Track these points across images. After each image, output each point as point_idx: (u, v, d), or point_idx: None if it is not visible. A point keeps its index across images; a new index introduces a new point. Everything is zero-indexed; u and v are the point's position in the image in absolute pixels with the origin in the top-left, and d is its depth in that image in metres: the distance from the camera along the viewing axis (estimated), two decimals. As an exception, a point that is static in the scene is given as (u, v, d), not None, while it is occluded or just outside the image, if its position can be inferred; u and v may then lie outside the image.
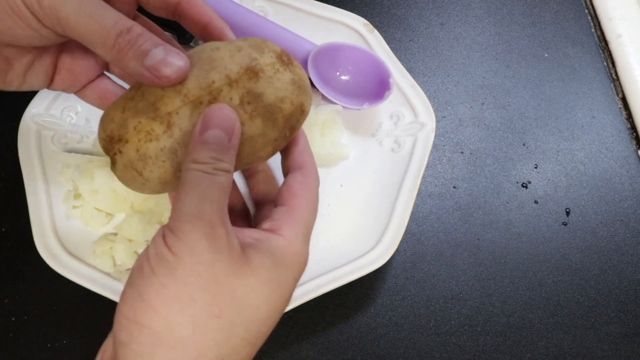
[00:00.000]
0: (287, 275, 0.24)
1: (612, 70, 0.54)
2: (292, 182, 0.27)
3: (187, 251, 0.22)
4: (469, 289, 0.43)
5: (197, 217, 0.22)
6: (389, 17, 0.54)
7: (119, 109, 0.26)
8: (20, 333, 0.39)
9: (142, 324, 0.21)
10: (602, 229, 0.46)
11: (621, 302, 0.44)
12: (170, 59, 0.24)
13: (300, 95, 0.27)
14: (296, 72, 0.27)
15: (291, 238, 0.25)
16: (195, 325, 0.22)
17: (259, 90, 0.25)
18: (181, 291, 0.22)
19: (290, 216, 0.26)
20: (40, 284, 0.40)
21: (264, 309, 0.23)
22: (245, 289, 0.23)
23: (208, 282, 0.22)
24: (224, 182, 0.23)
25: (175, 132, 0.25)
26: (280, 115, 0.26)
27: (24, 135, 0.41)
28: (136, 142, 0.25)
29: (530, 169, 0.48)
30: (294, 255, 0.25)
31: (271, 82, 0.26)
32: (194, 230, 0.22)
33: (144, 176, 0.26)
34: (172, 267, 0.22)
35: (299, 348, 0.40)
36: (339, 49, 0.44)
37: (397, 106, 0.45)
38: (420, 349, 0.41)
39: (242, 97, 0.25)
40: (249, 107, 0.25)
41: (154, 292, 0.22)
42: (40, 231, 0.38)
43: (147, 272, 0.22)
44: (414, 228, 0.45)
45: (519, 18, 0.55)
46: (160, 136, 0.25)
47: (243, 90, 0.25)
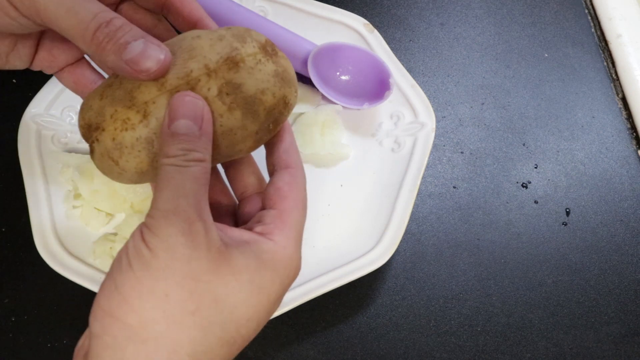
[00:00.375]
0: (273, 279, 0.24)
1: (612, 70, 0.54)
2: (280, 182, 0.27)
3: (162, 247, 0.21)
4: (469, 289, 0.43)
5: (173, 213, 0.22)
6: (389, 17, 0.54)
7: (97, 96, 0.25)
8: (20, 333, 0.39)
9: (116, 316, 0.21)
10: (602, 229, 0.46)
11: (621, 302, 0.44)
12: (150, 52, 0.23)
13: (284, 87, 0.26)
14: (280, 63, 0.26)
15: (283, 243, 0.25)
16: (169, 321, 0.21)
17: (239, 81, 0.25)
18: (156, 286, 0.21)
19: (281, 220, 0.25)
20: (40, 284, 0.40)
21: (243, 310, 0.23)
22: (224, 288, 0.22)
23: (184, 278, 0.21)
24: (198, 173, 0.23)
25: (151, 122, 0.24)
26: (262, 108, 0.25)
27: (24, 135, 0.41)
28: (112, 130, 0.24)
29: (530, 169, 0.48)
30: (286, 261, 0.25)
31: (252, 73, 0.25)
32: (169, 226, 0.21)
33: (120, 165, 0.25)
34: (147, 262, 0.21)
35: (299, 348, 0.40)
36: (339, 49, 0.44)
37: (397, 106, 0.45)
38: (420, 349, 0.41)
39: (221, 88, 0.24)
40: (228, 98, 0.24)
41: (130, 286, 0.21)
42: (40, 231, 0.38)
43: (124, 266, 0.22)
44: (414, 228, 0.45)
45: (519, 18, 0.55)
46: (136, 125, 0.24)
47: (222, 80, 0.24)
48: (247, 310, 0.23)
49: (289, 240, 0.25)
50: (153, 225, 0.22)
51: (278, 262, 0.24)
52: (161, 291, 0.21)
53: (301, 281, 0.38)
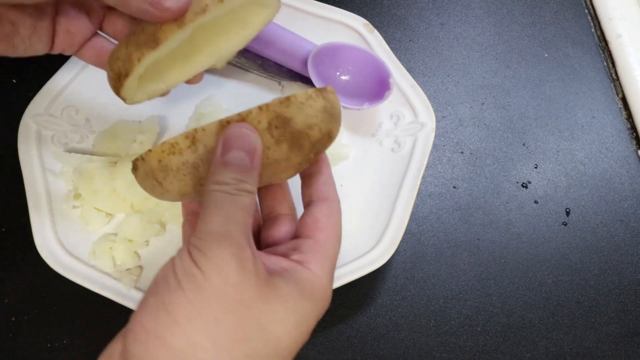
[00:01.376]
0: (312, 309, 0.24)
1: (612, 70, 0.54)
2: (319, 214, 0.27)
3: (214, 270, 0.21)
4: (469, 289, 0.43)
5: (225, 237, 0.22)
6: (389, 17, 0.54)
7: (122, 46, 0.26)
8: (20, 333, 0.39)
9: (163, 339, 0.21)
10: (602, 229, 0.46)
11: (621, 302, 0.44)
12: None
13: (330, 122, 0.27)
14: (328, 98, 0.27)
15: (318, 273, 0.25)
16: (218, 349, 0.21)
17: (289, 115, 0.25)
18: (207, 310, 0.21)
19: (318, 251, 0.26)
20: (40, 284, 0.40)
21: (287, 341, 0.22)
22: (272, 316, 0.22)
23: (235, 305, 0.21)
24: (247, 203, 0.23)
25: (199, 148, 0.25)
26: (307, 142, 0.26)
27: (24, 135, 0.41)
28: (159, 152, 0.25)
29: (530, 169, 0.48)
30: (322, 291, 0.24)
31: (302, 109, 0.25)
32: (221, 250, 0.21)
33: (163, 187, 0.26)
34: (199, 284, 0.21)
35: (299, 348, 0.40)
36: (339, 49, 0.44)
37: (397, 106, 0.45)
38: (420, 349, 0.41)
39: (271, 121, 0.25)
40: (277, 132, 0.25)
41: (180, 307, 0.21)
42: (40, 231, 0.38)
43: (173, 285, 0.21)
44: (414, 228, 0.45)
45: (519, 18, 0.55)
46: (184, 150, 0.25)
47: (273, 114, 0.25)
48: (289, 341, 0.23)
49: (324, 271, 0.25)
50: (204, 246, 0.22)
51: (316, 292, 0.24)
52: (212, 315, 0.21)
53: (301, 281, 0.38)
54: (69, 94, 0.43)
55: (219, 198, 0.23)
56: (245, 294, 0.21)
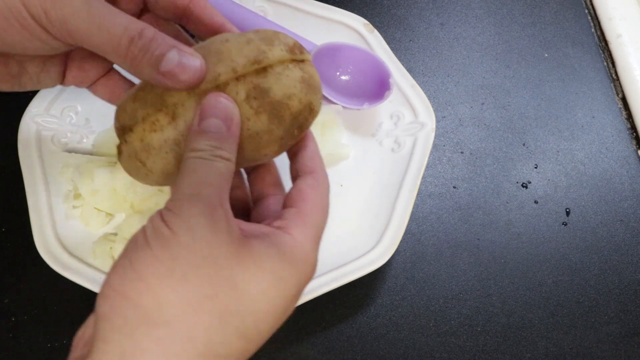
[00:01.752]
0: (293, 273, 0.23)
1: (612, 70, 0.54)
2: (303, 185, 0.26)
3: (184, 227, 0.21)
4: (469, 289, 0.43)
5: (196, 197, 0.21)
6: (389, 17, 0.54)
7: (130, 99, 0.26)
8: (20, 333, 0.39)
9: (129, 296, 0.20)
10: (602, 229, 0.46)
11: (621, 302, 0.44)
12: (186, 62, 0.23)
13: (309, 93, 0.27)
14: (307, 69, 0.27)
15: (300, 239, 0.24)
16: (186, 305, 0.20)
17: (266, 85, 0.25)
18: (174, 266, 0.20)
19: (301, 218, 0.25)
20: (40, 284, 0.40)
21: (263, 302, 0.22)
22: (245, 275, 0.21)
23: (204, 261, 0.21)
24: (223, 169, 0.23)
25: (179, 124, 0.24)
26: (287, 113, 0.26)
27: (24, 135, 0.41)
28: (141, 131, 0.25)
29: (530, 169, 0.48)
30: (303, 256, 0.24)
31: (279, 79, 0.25)
32: (191, 207, 0.21)
33: (147, 166, 0.25)
34: (167, 241, 0.21)
35: (298, 348, 0.40)
36: (339, 49, 0.44)
37: (397, 106, 0.45)
38: (420, 349, 0.41)
39: (249, 92, 0.25)
40: (255, 103, 0.25)
41: (146, 264, 0.20)
42: (40, 231, 0.38)
43: (141, 244, 0.21)
44: (414, 228, 0.45)
45: (519, 18, 0.55)
46: (165, 127, 0.24)
47: (250, 85, 0.25)
48: (266, 302, 0.22)
49: (307, 237, 0.24)
50: (174, 206, 0.21)
51: (297, 256, 0.23)
52: (180, 272, 0.20)
53: (301, 281, 0.38)
54: (69, 94, 0.43)
55: (194, 163, 0.22)
56: (216, 250, 0.21)
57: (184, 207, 0.21)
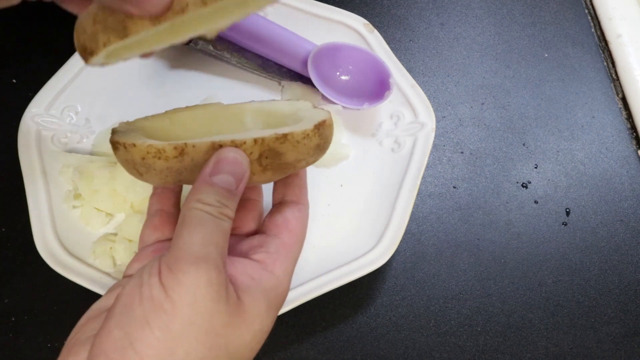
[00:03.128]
0: (273, 316, 0.25)
1: (612, 70, 0.54)
2: (290, 215, 0.28)
3: (186, 298, 0.21)
4: (469, 289, 0.43)
5: (203, 260, 0.21)
6: (389, 17, 0.54)
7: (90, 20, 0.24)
8: (20, 333, 0.39)
9: None
10: (602, 229, 0.46)
11: (621, 302, 0.44)
12: None
13: (318, 155, 0.27)
14: (324, 135, 0.27)
15: (281, 277, 0.25)
16: None
17: (282, 151, 0.25)
18: (177, 346, 0.21)
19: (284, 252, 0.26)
20: (40, 284, 0.40)
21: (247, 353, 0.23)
22: (239, 341, 0.22)
23: (205, 335, 0.21)
24: (227, 228, 0.23)
25: (185, 160, 0.24)
26: (291, 169, 0.27)
27: (24, 135, 0.41)
28: (144, 152, 0.25)
29: (530, 169, 0.48)
30: (282, 295, 0.25)
31: (296, 147, 0.26)
32: (198, 274, 0.21)
33: (143, 177, 0.26)
34: (169, 318, 0.21)
35: (298, 348, 0.40)
36: (339, 49, 0.44)
37: (397, 106, 0.45)
38: (420, 349, 0.41)
39: (263, 153, 0.25)
40: (265, 162, 0.25)
41: (147, 345, 0.20)
42: (40, 231, 0.38)
43: (139, 318, 0.21)
44: (414, 228, 0.45)
45: (519, 18, 0.55)
46: (170, 159, 0.24)
47: (266, 147, 0.25)
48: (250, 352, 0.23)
49: (286, 273, 0.26)
50: (179, 269, 0.21)
51: (279, 299, 0.25)
52: (182, 351, 0.21)
53: (301, 281, 0.38)
54: (69, 94, 0.43)
55: (202, 218, 0.22)
56: (216, 321, 0.21)
57: (190, 272, 0.21)
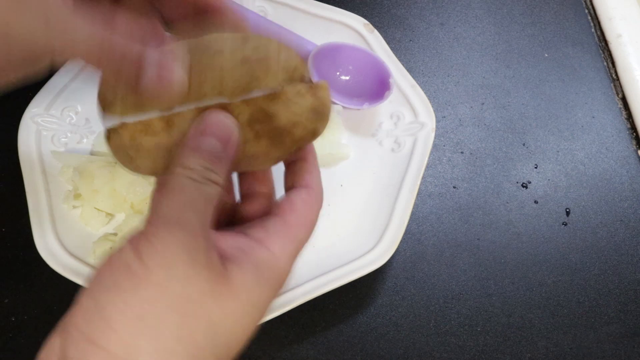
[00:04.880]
0: (267, 294, 0.22)
1: (612, 70, 0.54)
2: (296, 198, 0.25)
3: (159, 262, 0.19)
4: (469, 288, 0.43)
5: (178, 224, 0.20)
6: (389, 17, 0.54)
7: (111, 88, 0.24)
8: (20, 333, 0.39)
9: (99, 344, 0.19)
10: (602, 229, 0.46)
11: (621, 302, 0.44)
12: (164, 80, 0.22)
13: (317, 121, 0.25)
14: (319, 96, 0.25)
15: (278, 254, 0.23)
16: (160, 352, 0.19)
17: (273, 111, 0.23)
18: (147, 311, 0.19)
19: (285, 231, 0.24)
20: (40, 284, 0.40)
21: (237, 332, 0.21)
22: (221, 311, 0.20)
23: (179, 302, 0.20)
24: (212, 194, 0.21)
25: (174, 132, 0.23)
26: (289, 139, 0.24)
27: (24, 135, 0.41)
28: (132, 130, 0.23)
29: (530, 169, 0.48)
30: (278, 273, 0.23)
31: (288, 105, 0.24)
32: (171, 238, 0.20)
33: (135, 163, 0.24)
34: (138, 282, 0.19)
35: (298, 348, 0.40)
36: (339, 49, 0.44)
37: (397, 106, 0.45)
38: (420, 349, 0.41)
39: (253, 114, 0.23)
40: (257, 126, 0.23)
41: (115, 310, 0.19)
42: (40, 231, 0.38)
43: (109, 284, 0.20)
44: (414, 228, 0.45)
45: (519, 18, 0.55)
46: (158, 132, 0.23)
47: (255, 107, 0.23)
48: (241, 332, 0.21)
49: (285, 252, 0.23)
50: (152, 233, 0.20)
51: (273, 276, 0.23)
52: (152, 317, 0.19)
53: (301, 281, 0.38)
54: (69, 94, 0.43)
55: (182, 182, 0.21)
56: (193, 288, 0.20)
57: (162, 235, 0.20)
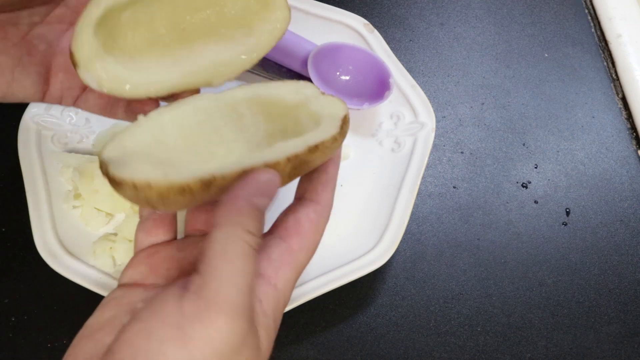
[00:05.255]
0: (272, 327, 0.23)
1: (612, 70, 0.54)
2: (303, 217, 0.25)
3: (207, 348, 0.20)
4: (469, 289, 0.43)
5: (242, 314, 0.20)
6: (389, 17, 0.54)
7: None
8: (20, 333, 0.39)
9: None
10: (602, 229, 0.46)
11: (621, 302, 0.44)
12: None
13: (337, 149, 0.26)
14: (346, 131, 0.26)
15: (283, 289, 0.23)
16: None
17: (311, 159, 0.24)
18: None
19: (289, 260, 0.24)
20: (40, 284, 0.40)
21: None
22: None
23: None
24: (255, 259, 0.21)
25: (212, 190, 0.22)
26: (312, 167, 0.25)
27: (24, 135, 0.41)
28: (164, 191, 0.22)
29: (530, 169, 0.48)
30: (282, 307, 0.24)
31: (325, 153, 0.24)
32: (228, 327, 0.20)
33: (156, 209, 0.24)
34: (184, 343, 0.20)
35: (299, 348, 0.40)
36: (339, 49, 0.44)
37: (397, 106, 0.45)
38: (420, 349, 0.41)
39: (294, 167, 0.23)
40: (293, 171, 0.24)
41: None
42: (40, 231, 0.38)
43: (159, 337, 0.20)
44: (414, 228, 0.45)
45: (519, 18, 0.55)
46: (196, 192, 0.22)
47: (298, 161, 0.23)
48: None
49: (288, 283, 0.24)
50: (205, 317, 0.20)
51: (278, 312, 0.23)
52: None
53: (301, 281, 0.38)
54: (69, 94, 0.43)
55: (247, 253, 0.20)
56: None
57: (217, 321, 0.20)
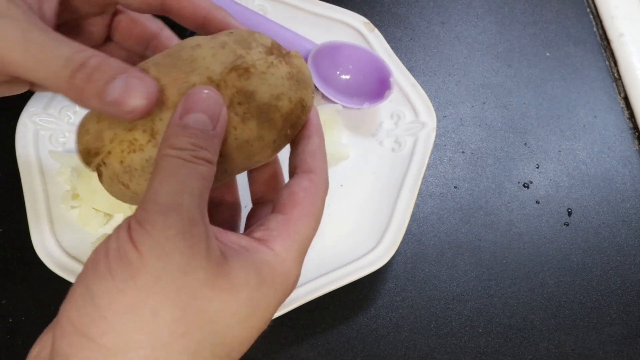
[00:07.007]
0: (271, 297, 0.21)
1: (614, 70, 0.53)
2: (296, 187, 0.24)
3: (156, 251, 0.18)
4: (470, 289, 0.43)
5: (174, 210, 0.19)
6: (389, 16, 0.54)
7: (94, 118, 0.23)
8: (17, 335, 0.39)
9: (89, 336, 0.18)
10: (604, 230, 0.46)
11: (623, 303, 0.43)
12: (134, 88, 0.21)
13: (300, 89, 0.24)
14: (294, 63, 0.24)
15: (283, 255, 0.22)
16: (156, 346, 0.18)
17: (251, 88, 0.23)
18: (142, 302, 0.18)
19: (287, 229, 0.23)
20: (38, 285, 0.40)
21: (238, 332, 0.20)
22: (221, 305, 0.19)
23: (177, 293, 0.18)
24: (206, 173, 0.20)
25: (160, 140, 0.22)
26: (278, 115, 0.23)
27: (21, 135, 0.41)
28: (119, 153, 0.22)
29: (532, 169, 0.48)
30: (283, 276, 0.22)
31: (264, 78, 0.23)
32: (167, 226, 0.18)
33: (131, 189, 0.23)
34: (134, 270, 0.18)
35: (298, 349, 0.40)
36: (339, 48, 0.44)
37: (398, 106, 0.45)
38: (420, 350, 0.41)
39: (232, 98, 0.22)
40: (241, 108, 0.23)
41: (109, 299, 0.18)
42: (38, 232, 0.38)
43: (103, 272, 0.19)
44: (414, 228, 0.44)
45: (520, 17, 0.55)
46: (144, 146, 0.22)
47: (232, 90, 0.22)
48: (241, 332, 0.20)
49: (290, 252, 0.22)
50: (147, 220, 0.19)
51: (277, 278, 0.21)
52: (148, 308, 0.18)
53: (301, 282, 0.38)
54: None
55: (173, 164, 0.20)
56: (191, 279, 0.19)
57: (158, 223, 0.19)
